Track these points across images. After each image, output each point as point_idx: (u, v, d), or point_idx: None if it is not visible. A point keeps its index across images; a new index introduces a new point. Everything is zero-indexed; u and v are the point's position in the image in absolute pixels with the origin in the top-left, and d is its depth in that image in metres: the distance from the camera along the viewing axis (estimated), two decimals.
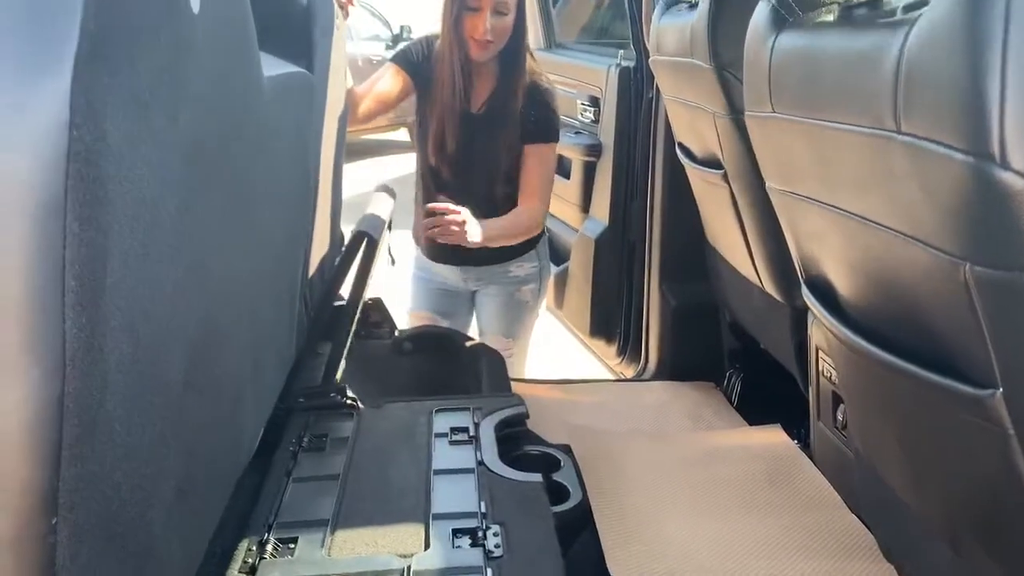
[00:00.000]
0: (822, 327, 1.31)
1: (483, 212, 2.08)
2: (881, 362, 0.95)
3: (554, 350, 3.09)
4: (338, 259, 1.84)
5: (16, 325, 0.52)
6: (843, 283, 1.02)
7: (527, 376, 2.39)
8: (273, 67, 1.22)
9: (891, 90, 0.73)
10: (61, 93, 0.50)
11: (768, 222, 1.62)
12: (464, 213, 1.93)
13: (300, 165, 1.45)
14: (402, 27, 8.83)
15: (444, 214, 1.91)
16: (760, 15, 1.08)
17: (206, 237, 0.82)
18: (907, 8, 0.78)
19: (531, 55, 2.12)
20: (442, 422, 1.51)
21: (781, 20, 1.03)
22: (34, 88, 0.50)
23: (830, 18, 0.97)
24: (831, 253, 1.02)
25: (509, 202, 2.11)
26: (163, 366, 0.71)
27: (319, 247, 1.72)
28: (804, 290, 1.20)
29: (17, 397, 0.53)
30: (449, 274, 2.25)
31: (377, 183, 2.12)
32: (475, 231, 1.95)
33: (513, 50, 2.04)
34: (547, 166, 2.12)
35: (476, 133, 2.08)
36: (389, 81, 2.11)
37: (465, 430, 1.48)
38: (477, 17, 1.96)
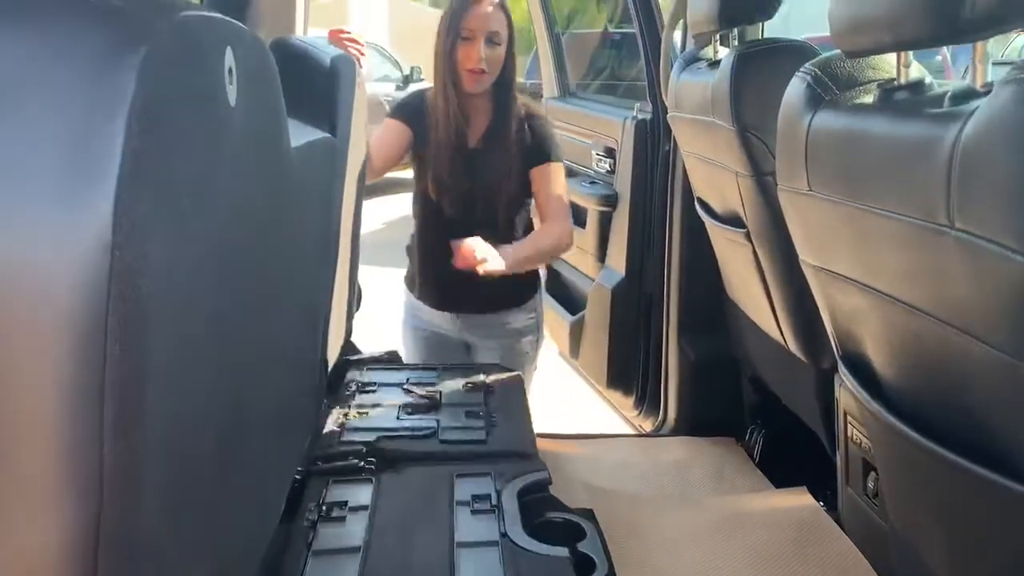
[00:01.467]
0: (855, 397, 1.28)
1: (488, 241, 2.06)
2: (923, 448, 0.93)
3: (568, 394, 3.07)
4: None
5: (52, 451, 0.50)
6: (883, 364, 1.00)
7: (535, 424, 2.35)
8: (299, 134, 1.22)
9: (944, 184, 0.71)
10: (104, 215, 0.49)
11: (794, 283, 1.60)
12: (479, 246, 1.91)
13: (323, 229, 1.44)
14: (412, 68, 8.93)
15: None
16: (795, 92, 1.07)
17: (237, 327, 0.80)
18: (955, 98, 0.76)
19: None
20: (463, 489, 1.48)
21: (817, 98, 1.01)
22: (77, 211, 0.49)
23: (869, 99, 0.96)
24: (871, 333, 1.00)
25: (511, 228, 2.11)
26: (195, 470, 0.69)
27: (339, 306, 1.70)
28: (840, 366, 1.17)
29: (50, 526, 0.51)
30: (442, 321, 2.22)
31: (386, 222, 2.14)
32: (496, 261, 1.92)
33: (504, 82, 2.09)
34: (559, 184, 2.11)
35: (476, 166, 2.09)
36: (389, 136, 2.13)
37: (487, 498, 1.45)
38: (471, 47, 2.01)
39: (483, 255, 1.87)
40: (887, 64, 1.00)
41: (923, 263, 0.79)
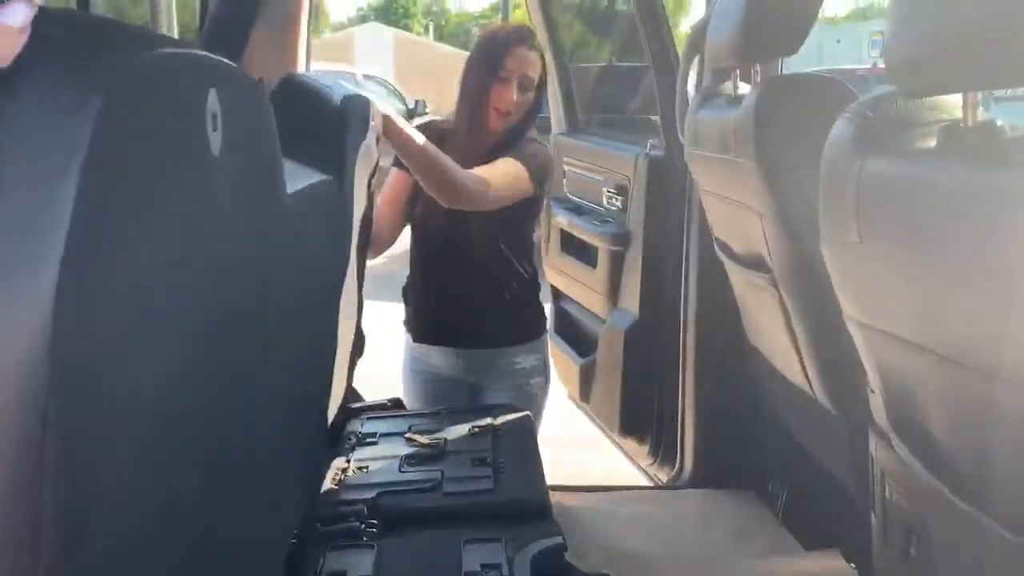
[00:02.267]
0: (899, 460, 1.18)
1: (486, 275, 2.03)
2: (988, 532, 0.82)
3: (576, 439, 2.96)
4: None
5: None
6: (945, 434, 0.90)
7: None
8: (299, 178, 1.13)
9: None
10: (48, 280, 0.40)
11: (825, 332, 1.50)
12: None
13: (325, 276, 1.35)
14: (417, 101, 8.94)
15: None
16: (842, 134, 0.97)
17: (224, 392, 0.71)
18: None
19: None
20: (471, 557, 1.37)
21: (869, 141, 0.92)
22: (18, 275, 0.40)
23: (931, 143, 0.87)
24: (930, 402, 0.90)
25: (512, 265, 2.05)
26: (168, 553, 0.59)
27: (341, 354, 1.61)
28: (886, 425, 1.07)
29: None
30: (443, 362, 2.12)
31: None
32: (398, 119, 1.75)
33: (521, 125, 2.04)
34: (505, 165, 1.93)
35: None
36: (396, 187, 2.07)
37: (498, 567, 1.34)
38: (506, 88, 1.97)
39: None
40: (948, 104, 0.91)
41: (1003, 327, 0.70)
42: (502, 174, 1.93)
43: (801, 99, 1.48)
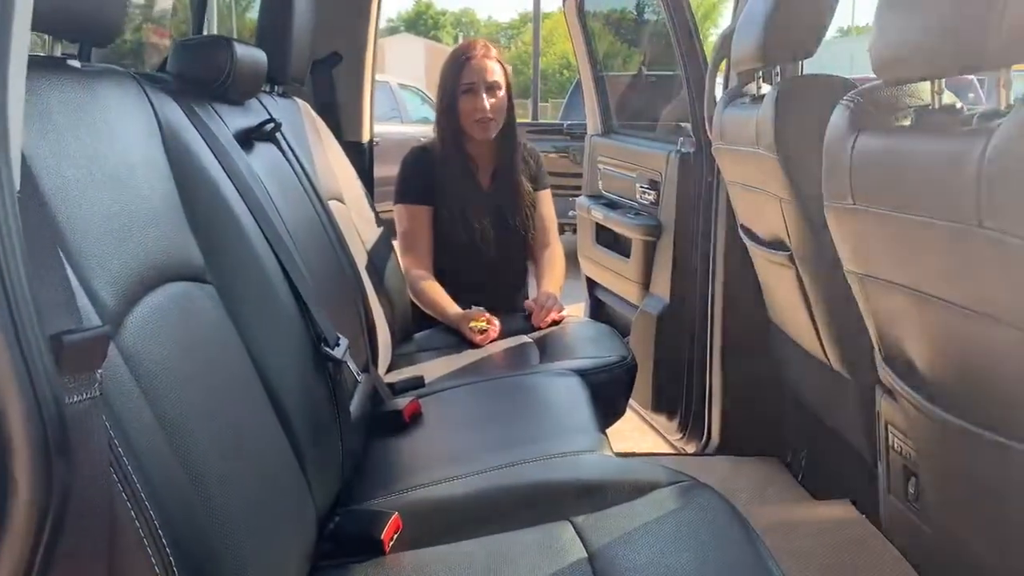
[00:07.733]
0: (896, 402, 1.38)
1: (518, 281, 2.26)
2: (956, 427, 1.02)
3: None
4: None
5: None
6: (924, 359, 1.10)
7: None
8: None
9: (974, 189, 0.83)
10: None
11: (835, 300, 1.69)
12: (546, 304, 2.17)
13: None
14: None
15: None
16: (840, 117, 1.19)
17: None
18: (983, 118, 0.88)
19: None
20: None
21: (860, 122, 1.13)
22: None
23: (907, 122, 1.08)
24: (911, 331, 1.10)
25: (526, 266, 2.30)
26: None
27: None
28: (882, 366, 1.27)
29: None
30: None
31: None
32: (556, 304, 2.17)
33: (507, 124, 2.23)
34: (552, 209, 2.37)
35: (499, 209, 2.23)
36: (423, 222, 2.20)
37: None
38: (474, 98, 2.13)
39: (554, 308, 2.12)
40: (923, 92, 1.12)
41: (956, 261, 0.90)
42: (551, 213, 2.32)
43: (814, 96, 1.68)
